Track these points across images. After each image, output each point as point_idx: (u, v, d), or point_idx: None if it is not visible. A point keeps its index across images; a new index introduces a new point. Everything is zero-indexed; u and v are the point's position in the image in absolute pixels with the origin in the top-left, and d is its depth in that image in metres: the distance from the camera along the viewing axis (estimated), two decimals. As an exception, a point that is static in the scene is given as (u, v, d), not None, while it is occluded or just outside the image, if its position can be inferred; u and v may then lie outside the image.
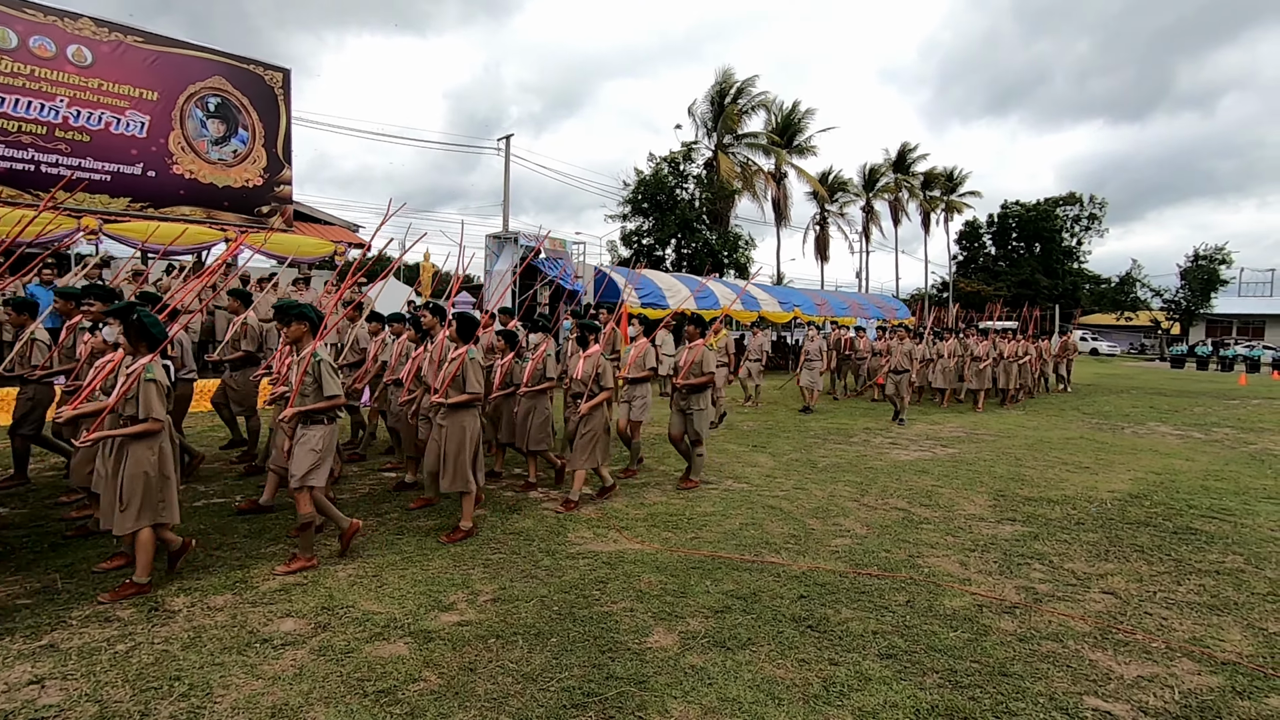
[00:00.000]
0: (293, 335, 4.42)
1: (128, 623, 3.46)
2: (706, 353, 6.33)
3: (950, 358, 13.42)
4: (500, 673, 3.09)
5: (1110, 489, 6.88)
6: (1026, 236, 52.03)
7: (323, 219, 17.36)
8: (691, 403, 6.40)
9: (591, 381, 5.75)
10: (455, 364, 4.94)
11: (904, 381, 11.14)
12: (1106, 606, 4.00)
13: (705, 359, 6.35)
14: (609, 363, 5.69)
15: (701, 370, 6.34)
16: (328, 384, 4.25)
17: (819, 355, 12.48)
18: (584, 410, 5.65)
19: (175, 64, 12.85)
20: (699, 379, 6.33)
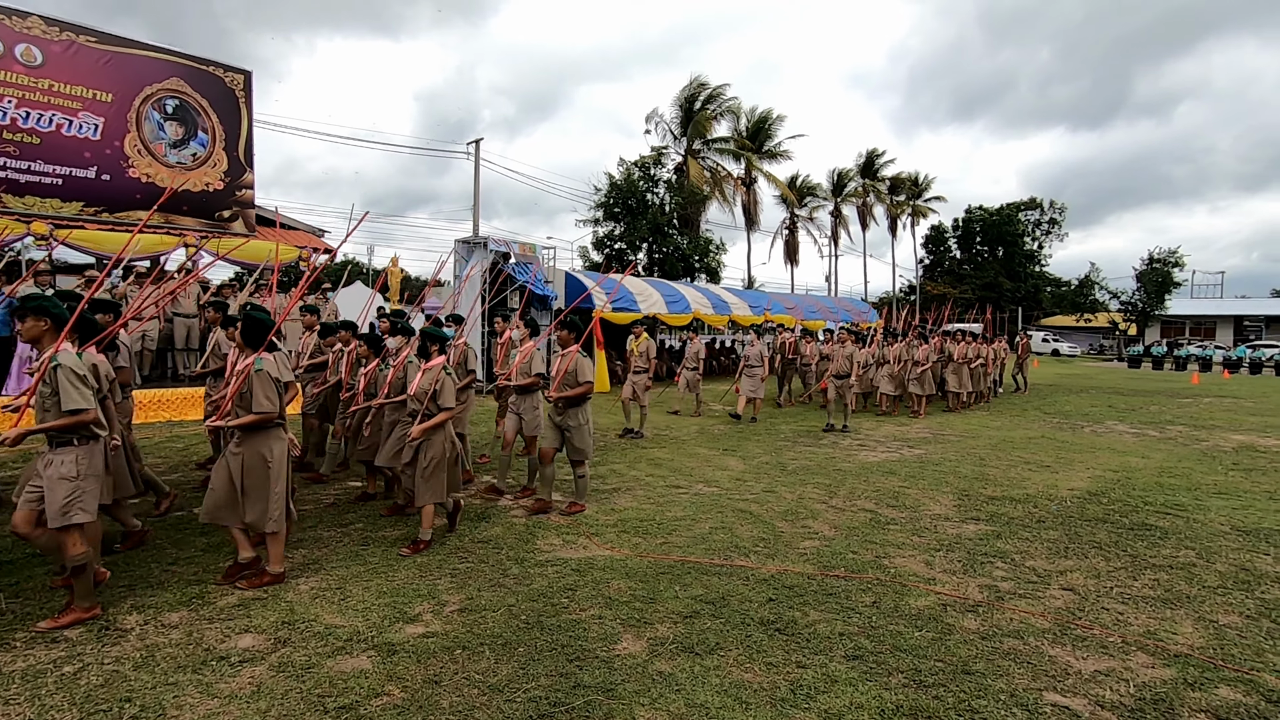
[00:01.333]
0: (29, 334, 3.60)
1: (76, 643, 3.33)
2: (581, 360, 5.62)
3: (897, 362, 12.82)
4: (466, 684, 3.04)
5: (1070, 487, 7.05)
6: (990, 240, 53.27)
7: (286, 223, 17.03)
8: (569, 418, 5.65)
9: (428, 399, 4.83)
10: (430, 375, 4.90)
11: (845, 387, 10.66)
12: (1066, 603, 4.09)
13: (580, 367, 5.62)
14: (449, 379, 4.86)
15: (577, 380, 5.62)
16: (67, 396, 3.41)
17: (760, 361, 11.64)
18: (415, 434, 4.74)
19: (130, 65, 12.49)
20: (575, 390, 5.60)
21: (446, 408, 4.83)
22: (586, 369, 5.67)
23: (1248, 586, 4.39)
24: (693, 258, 30.53)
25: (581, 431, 5.69)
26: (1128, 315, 43.23)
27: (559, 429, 5.70)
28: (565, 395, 5.60)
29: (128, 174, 12.56)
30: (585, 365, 5.67)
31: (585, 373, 5.66)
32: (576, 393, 5.60)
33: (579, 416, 5.66)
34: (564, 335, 5.80)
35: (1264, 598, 4.21)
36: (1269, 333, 44.43)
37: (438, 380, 4.84)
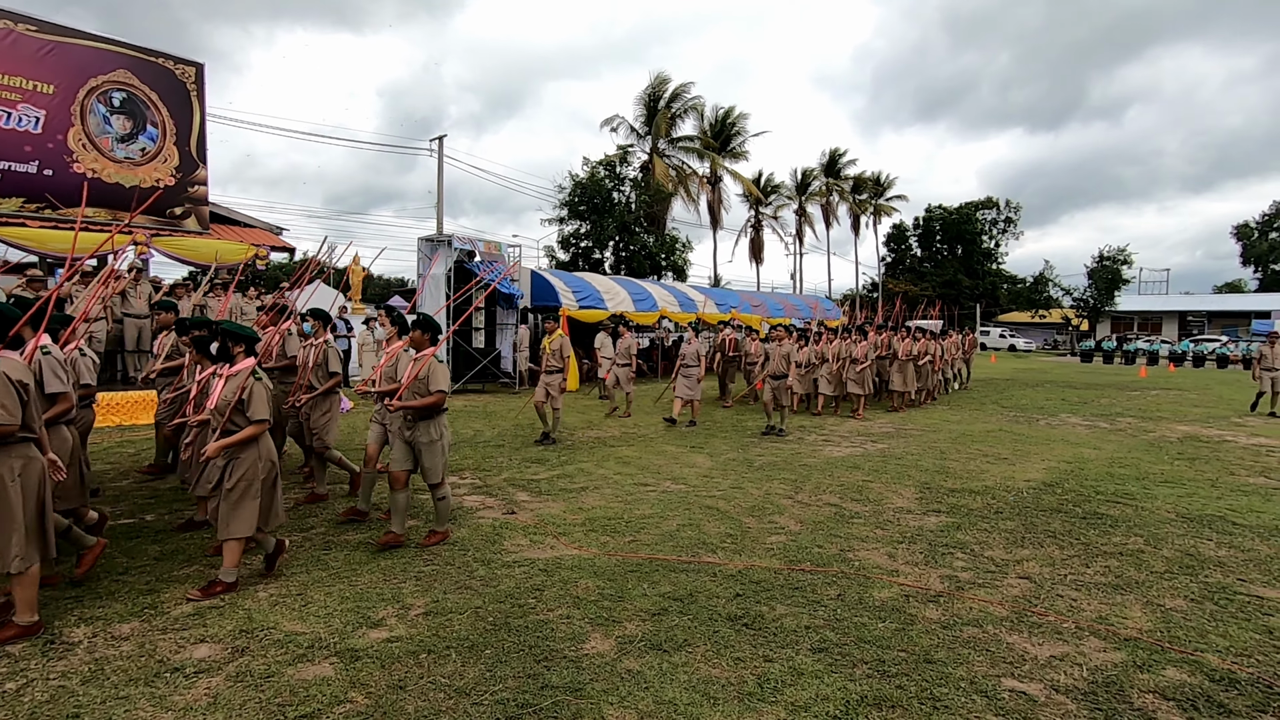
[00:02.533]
0: None
1: (19, 658, 3.19)
2: (436, 366, 4.86)
3: (835, 360, 12.16)
4: (431, 689, 3.00)
5: (1026, 478, 7.26)
6: (949, 239, 54.50)
7: (242, 221, 16.57)
8: (419, 432, 4.84)
9: (230, 410, 4.03)
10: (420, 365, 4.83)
11: (782, 388, 9.94)
12: (1022, 591, 4.21)
13: (434, 373, 4.84)
14: (262, 386, 4.12)
15: (428, 388, 4.82)
16: None
17: (697, 361, 10.84)
18: (210, 452, 3.97)
19: (74, 55, 12.00)
20: (425, 399, 4.79)
21: (257, 420, 4.06)
22: (440, 376, 4.88)
23: (1192, 571, 4.58)
24: (659, 256, 30.60)
25: (433, 449, 4.87)
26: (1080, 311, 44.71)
27: (409, 446, 4.90)
28: (411, 405, 4.77)
29: (72, 169, 12.08)
30: (440, 372, 4.89)
31: (438, 380, 4.86)
32: (425, 403, 4.79)
33: (431, 430, 4.85)
34: (417, 335, 5.04)
35: (1207, 581, 4.39)
36: (1211, 327, 46.37)
37: (245, 388, 4.06)
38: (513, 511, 5.76)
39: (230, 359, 4.24)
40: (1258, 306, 44.57)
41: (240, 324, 4.35)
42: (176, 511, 5.56)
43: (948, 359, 15.80)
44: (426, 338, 5.01)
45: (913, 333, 13.44)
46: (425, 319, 5.05)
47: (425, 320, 5.05)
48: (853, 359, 12.18)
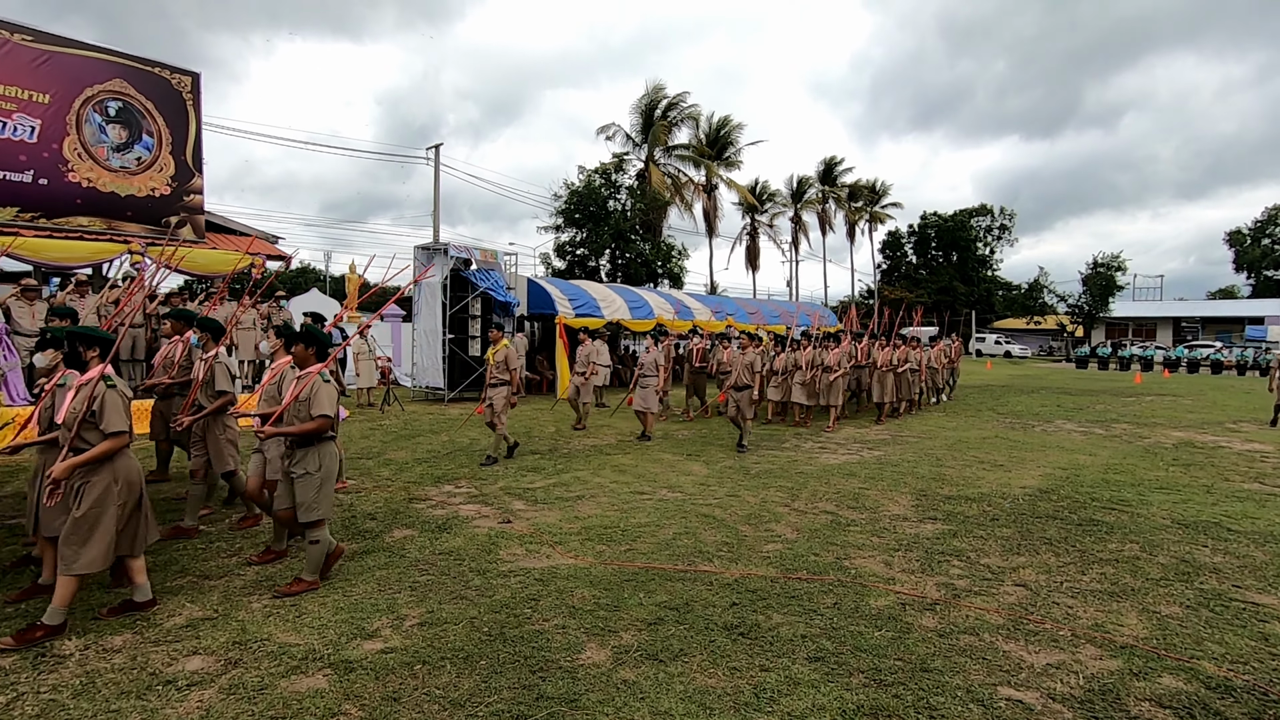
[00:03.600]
0: None
1: (9, 671, 3.17)
2: (321, 386, 4.20)
3: (809, 369, 11.38)
4: (426, 700, 2.98)
5: (1022, 485, 7.27)
6: (944, 246, 54.78)
7: (238, 229, 16.56)
8: (295, 461, 4.18)
9: (78, 423, 3.60)
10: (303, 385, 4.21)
11: (746, 399, 9.24)
12: (1018, 598, 4.21)
13: (317, 395, 4.16)
14: (116, 394, 3.69)
15: (309, 412, 4.15)
16: None
17: (655, 370, 10.19)
18: (59, 472, 3.53)
19: (69, 65, 12.01)
20: (303, 425, 4.12)
21: (112, 433, 3.61)
22: (325, 398, 4.17)
23: (1187, 578, 4.58)
24: (655, 263, 30.66)
25: (308, 482, 4.14)
26: (1075, 317, 44.89)
27: (288, 479, 4.24)
28: (285, 431, 4.13)
29: (67, 178, 12.07)
30: (324, 393, 4.18)
31: (321, 402, 4.15)
32: (302, 429, 4.10)
33: (308, 460, 4.16)
34: (300, 350, 4.37)
35: (1202, 588, 4.40)
36: (1205, 333, 46.61)
37: (95, 396, 3.61)
38: (508, 520, 5.74)
39: (83, 365, 3.84)
40: (1251, 312, 44.80)
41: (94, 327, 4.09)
42: (171, 523, 5.52)
43: (936, 367, 15.06)
44: (311, 353, 4.36)
45: (892, 340, 12.85)
46: (308, 331, 4.45)
47: (308, 332, 4.43)
48: (825, 367, 11.38)
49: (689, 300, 21.19)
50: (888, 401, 12.43)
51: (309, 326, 4.53)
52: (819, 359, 11.42)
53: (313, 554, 4.25)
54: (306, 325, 4.47)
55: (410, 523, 5.64)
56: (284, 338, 4.95)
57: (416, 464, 8.04)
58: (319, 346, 4.41)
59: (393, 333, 18.59)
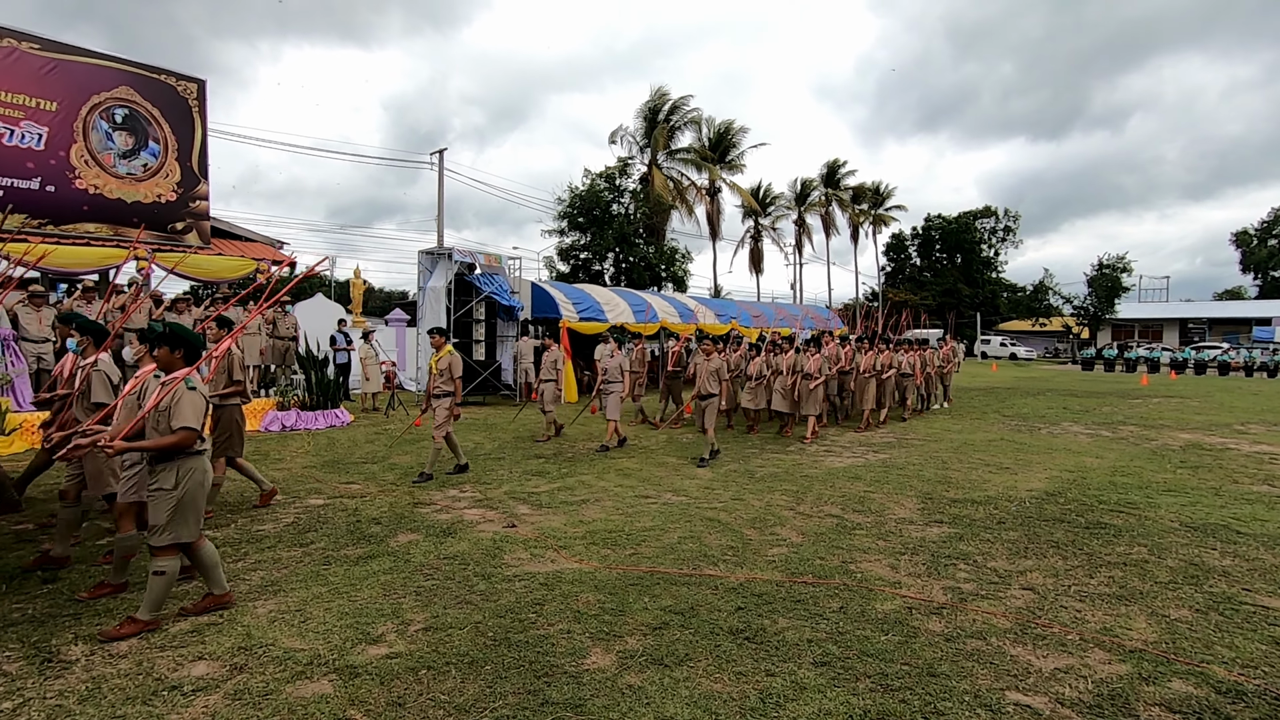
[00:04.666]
0: None
1: (16, 677, 3.17)
2: (184, 395, 3.70)
3: (790, 374, 10.65)
4: (431, 706, 2.98)
5: (1029, 488, 7.23)
6: (949, 248, 54.68)
7: (243, 235, 16.63)
8: (153, 477, 3.73)
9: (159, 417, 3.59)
10: None
11: (711, 409, 8.70)
12: (1026, 602, 4.18)
13: (180, 405, 3.67)
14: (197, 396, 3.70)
15: (170, 423, 3.65)
16: None
17: (619, 376, 9.65)
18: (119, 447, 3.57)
19: (76, 73, 12.10)
20: (161, 440, 3.63)
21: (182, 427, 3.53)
22: (188, 408, 3.65)
23: (1196, 581, 4.55)
24: (659, 267, 30.68)
25: (161, 500, 3.66)
26: (1080, 319, 44.72)
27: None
28: (143, 445, 3.64)
29: (74, 185, 12.15)
30: (188, 403, 3.66)
31: (184, 413, 3.64)
32: (160, 443, 3.62)
33: (165, 477, 3.66)
34: (165, 354, 3.86)
35: (1212, 591, 4.36)
36: (1212, 334, 46.37)
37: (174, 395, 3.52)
38: (513, 525, 5.74)
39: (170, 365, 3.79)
40: (1258, 313, 44.53)
41: None
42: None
43: (929, 372, 14.22)
44: (178, 356, 3.87)
45: (875, 344, 12.18)
46: (173, 331, 3.90)
47: (173, 333, 3.89)
48: (805, 373, 10.58)
49: (693, 303, 21.19)
50: (868, 409, 11.72)
51: (175, 326, 3.91)
52: (799, 364, 10.70)
53: (154, 587, 3.67)
54: (172, 325, 3.89)
55: (415, 527, 5.64)
56: (147, 340, 4.25)
57: (421, 468, 8.04)
58: (187, 349, 3.89)
59: (397, 337, 18.63)
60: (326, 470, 7.91)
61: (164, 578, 3.71)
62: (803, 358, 10.72)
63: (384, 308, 38.31)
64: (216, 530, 5.50)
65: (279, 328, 13.04)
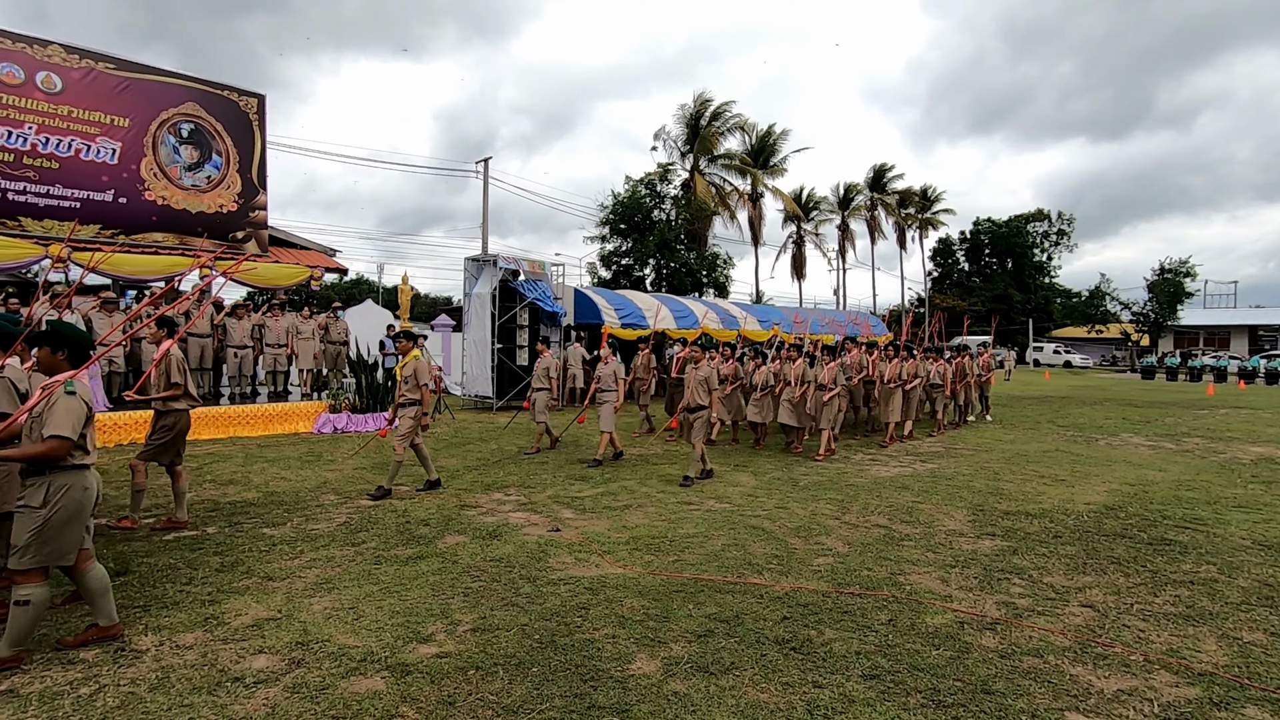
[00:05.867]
0: None
1: (92, 664, 3.34)
2: (61, 400, 3.33)
3: (799, 385, 9.81)
4: (480, 705, 3.03)
5: (1086, 501, 6.97)
6: (999, 252, 53.18)
7: (299, 243, 17.23)
8: (23, 491, 3.37)
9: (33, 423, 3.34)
10: None
11: (701, 423, 7.85)
12: (1085, 620, 4.04)
13: (54, 411, 3.30)
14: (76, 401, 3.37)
15: (41, 431, 3.30)
16: None
17: (614, 384, 8.93)
18: None
19: (147, 90, 12.75)
20: (32, 448, 3.27)
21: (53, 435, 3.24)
22: (61, 415, 3.30)
23: (1271, 602, 4.31)
24: (700, 272, 30.63)
25: (25, 519, 3.29)
26: (1140, 326, 42.92)
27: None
28: (6, 454, 3.29)
29: (143, 197, 12.78)
30: (63, 409, 3.32)
31: (58, 420, 3.29)
32: (27, 453, 3.27)
33: (35, 493, 3.30)
34: (45, 355, 3.57)
35: (1289, 614, 4.13)
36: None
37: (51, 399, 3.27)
38: (557, 529, 5.79)
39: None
40: (1336, 320, 42.07)
41: None
42: (236, 524, 5.77)
43: (968, 380, 13.26)
44: (61, 358, 3.56)
45: (900, 352, 11.19)
46: (54, 330, 3.58)
47: (54, 332, 3.57)
48: (819, 384, 9.71)
49: (734, 309, 21.08)
50: (892, 422, 10.83)
51: (56, 324, 3.59)
52: (808, 374, 9.79)
53: (16, 619, 3.26)
54: (54, 323, 3.59)
55: (461, 529, 5.74)
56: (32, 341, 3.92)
57: (467, 471, 8.20)
58: (72, 349, 3.57)
59: (443, 342, 19.03)
60: (376, 472, 8.11)
61: (25, 609, 3.26)
62: (816, 367, 9.88)
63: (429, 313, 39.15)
64: (273, 528, 5.70)
65: (331, 333, 13.46)
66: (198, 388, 11.60)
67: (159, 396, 5.65)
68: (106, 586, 3.60)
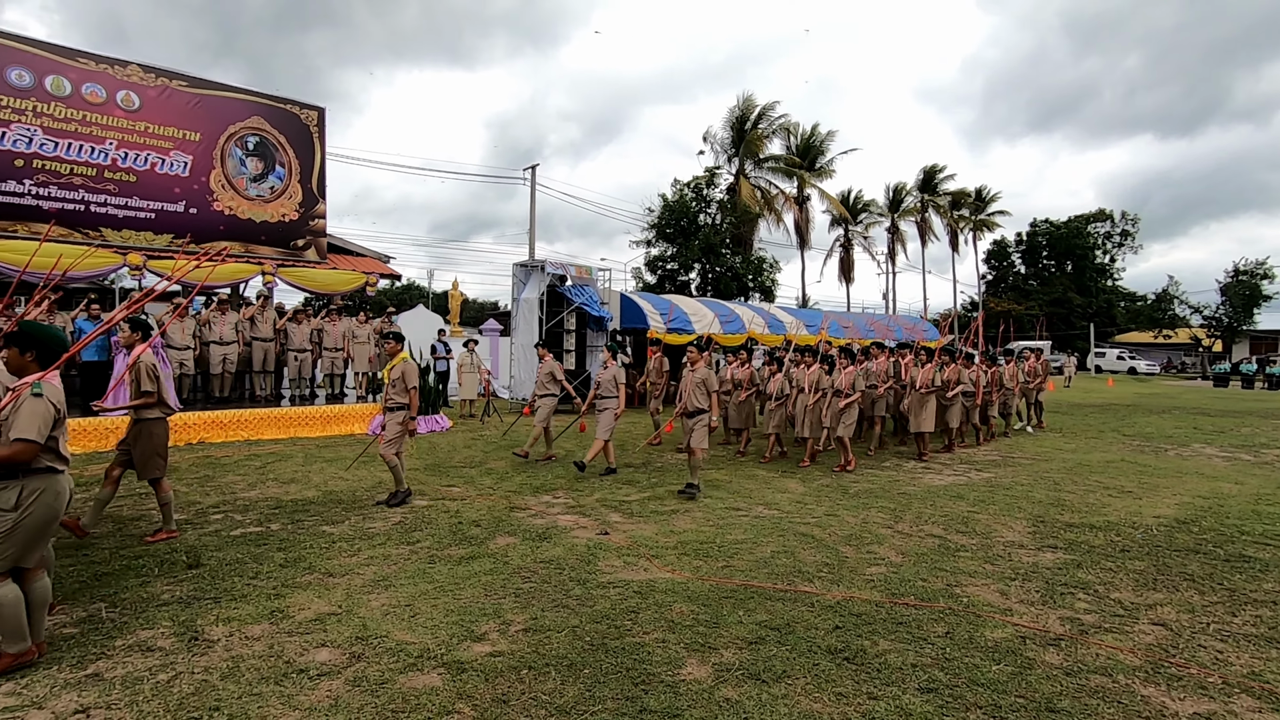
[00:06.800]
0: None
1: (169, 652, 3.52)
2: (27, 403, 3.26)
3: (812, 391, 9.20)
4: (533, 705, 3.07)
5: (1156, 514, 6.66)
6: (1057, 255, 51.33)
7: (355, 250, 17.79)
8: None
9: None
10: None
11: (700, 429, 7.34)
12: (1157, 638, 3.86)
13: (19, 413, 3.24)
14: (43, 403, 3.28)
15: (7, 434, 3.23)
16: None
17: (614, 389, 8.42)
18: None
19: (216, 106, 13.38)
20: None
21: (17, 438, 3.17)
22: (26, 418, 3.21)
23: (1365, 626, 4.04)
24: (746, 277, 30.42)
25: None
26: (1212, 331, 40.76)
27: None
28: None
29: (212, 207, 13.40)
30: (28, 411, 3.22)
31: (21, 424, 3.20)
32: None
33: (8, 495, 3.24)
34: (13, 356, 3.47)
35: (1385, 639, 3.87)
36: (1375, 348, 41.11)
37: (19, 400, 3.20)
38: (606, 532, 5.83)
39: None
40: None
41: None
42: (298, 521, 5.98)
43: (1010, 387, 12.33)
44: (29, 359, 3.46)
45: (935, 356, 10.35)
46: (23, 331, 3.49)
47: (22, 333, 3.48)
48: (836, 390, 9.00)
49: (780, 314, 20.87)
50: (926, 432, 9.84)
51: (26, 324, 3.51)
52: (823, 380, 9.13)
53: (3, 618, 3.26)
54: (24, 324, 3.51)
55: (512, 531, 5.83)
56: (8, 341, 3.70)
57: (516, 473, 8.32)
58: (40, 350, 3.46)
59: (491, 347, 19.37)
60: (429, 473, 8.31)
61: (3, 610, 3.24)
62: (834, 372, 9.15)
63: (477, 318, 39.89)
64: (333, 526, 5.89)
65: (385, 337, 13.84)
66: (262, 390, 12.08)
67: (129, 405, 5.38)
68: (47, 601, 3.51)
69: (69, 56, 11.91)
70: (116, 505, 6.42)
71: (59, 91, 11.73)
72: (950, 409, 10.37)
